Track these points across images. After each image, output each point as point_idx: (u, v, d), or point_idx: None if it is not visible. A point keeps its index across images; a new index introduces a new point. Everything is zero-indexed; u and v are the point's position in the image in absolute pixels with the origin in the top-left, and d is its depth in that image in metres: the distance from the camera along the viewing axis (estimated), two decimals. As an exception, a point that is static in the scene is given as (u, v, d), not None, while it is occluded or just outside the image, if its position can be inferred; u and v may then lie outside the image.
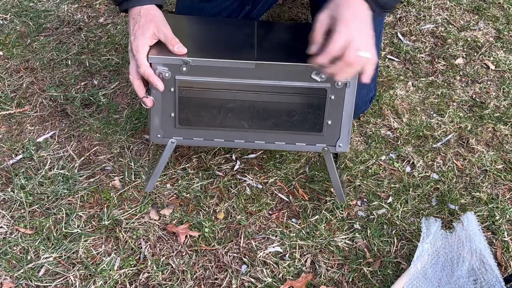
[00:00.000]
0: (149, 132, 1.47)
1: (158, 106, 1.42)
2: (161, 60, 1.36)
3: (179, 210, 1.57)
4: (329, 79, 1.37)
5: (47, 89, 1.89)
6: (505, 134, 1.83)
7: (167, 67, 1.37)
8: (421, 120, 1.86)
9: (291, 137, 1.47)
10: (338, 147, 1.47)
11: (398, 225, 1.57)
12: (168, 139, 1.46)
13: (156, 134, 1.46)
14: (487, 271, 1.38)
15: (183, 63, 1.35)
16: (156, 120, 1.44)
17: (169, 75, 1.37)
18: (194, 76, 1.38)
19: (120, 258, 1.46)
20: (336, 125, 1.44)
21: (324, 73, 1.34)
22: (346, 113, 1.42)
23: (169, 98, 1.40)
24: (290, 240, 1.52)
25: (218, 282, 1.43)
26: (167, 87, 1.39)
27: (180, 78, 1.38)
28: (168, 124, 1.44)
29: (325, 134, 1.45)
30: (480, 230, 1.46)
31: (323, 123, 1.44)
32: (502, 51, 2.12)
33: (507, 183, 1.69)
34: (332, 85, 1.38)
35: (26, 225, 1.52)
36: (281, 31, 1.57)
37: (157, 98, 1.41)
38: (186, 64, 1.35)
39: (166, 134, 1.46)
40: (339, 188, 1.54)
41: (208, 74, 1.38)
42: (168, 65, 1.36)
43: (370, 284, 1.44)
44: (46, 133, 1.76)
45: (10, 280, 1.41)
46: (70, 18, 2.18)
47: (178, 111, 1.42)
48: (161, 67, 1.37)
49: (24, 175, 1.63)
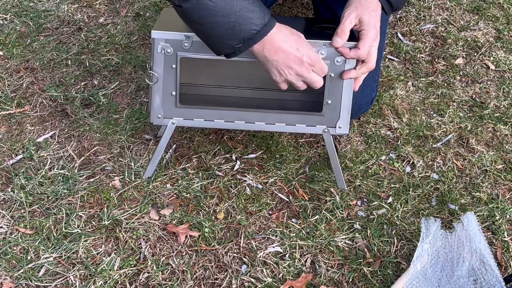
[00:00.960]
0: (149, 113, 1.47)
1: (159, 84, 1.42)
2: (163, 35, 1.38)
3: (179, 210, 1.57)
4: (329, 56, 1.38)
5: (47, 89, 1.89)
6: (505, 134, 1.83)
7: (169, 43, 1.38)
8: (421, 120, 1.86)
9: (291, 118, 1.47)
10: (338, 129, 1.48)
11: (398, 225, 1.57)
12: (168, 120, 1.47)
13: (156, 115, 1.46)
14: (487, 271, 1.38)
15: (185, 38, 1.37)
16: (157, 99, 1.44)
17: (171, 51, 1.38)
18: (196, 52, 1.39)
19: (120, 258, 1.46)
20: (336, 105, 1.44)
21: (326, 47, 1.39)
22: (345, 92, 1.43)
23: (171, 75, 1.41)
24: (290, 240, 1.52)
25: (218, 282, 1.43)
26: (169, 63, 1.40)
27: (182, 54, 1.39)
28: (168, 103, 1.45)
29: (325, 114, 1.46)
30: (480, 230, 1.46)
31: (323, 102, 1.44)
32: (502, 51, 2.12)
33: (507, 183, 1.69)
34: (331, 62, 1.39)
35: (26, 225, 1.52)
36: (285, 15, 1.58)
37: (158, 75, 1.42)
38: (188, 38, 1.36)
39: (167, 114, 1.46)
40: (339, 173, 1.54)
41: (210, 51, 1.37)
42: (171, 40, 1.38)
43: (370, 284, 1.44)
44: (46, 133, 1.76)
45: (10, 280, 1.41)
46: (70, 18, 2.18)
47: (179, 89, 1.43)
48: (163, 43, 1.38)
49: (24, 175, 1.63)
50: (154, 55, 1.40)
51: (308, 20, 1.65)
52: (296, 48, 1.34)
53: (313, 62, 1.35)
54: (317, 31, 1.47)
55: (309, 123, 1.48)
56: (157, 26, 1.41)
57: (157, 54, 1.40)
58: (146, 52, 2.05)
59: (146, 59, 2.00)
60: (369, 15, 1.37)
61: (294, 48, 1.34)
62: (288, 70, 1.35)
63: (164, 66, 1.40)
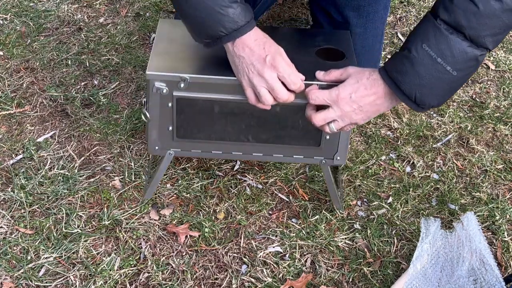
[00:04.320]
0: (147, 144, 1.46)
1: (155, 120, 1.40)
2: (159, 77, 1.34)
3: (179, 210, 1.57)
4: None
5: (47, 89, 1.89)
6: (505, 134, 1.83)
7: (165, 83, 1.34)
8: (421, 120, 1.86)
9: (289, 150, 1.46)
10: (335, 160, 1.46)
11: (398, 225, 1.57)
12: (166, 151, 1.46)
13: (154, 146, 1.45)
14: (487, 271, 1.38)
15: (181, 79, 1.34)
16: (154, 134, 1.43)
17: (166, 91, 1.35)
18: (192, 92, 1.36)
19: (120, 258, 1.46)
20: (334, 139, 1.43)
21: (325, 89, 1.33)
22: None
23: (167, 112, 1.39)
24: (290, 240, 1.52)
25: (218, 282, 1.43)
26: (165, 102, 1.37)
27: (178, 94, 1.36)
28: (166, 137, 1.43)
29: (323, 148, 1.45)
30: (480, 230, 1.46)
31: (321, 138, 1.43)
32: (502, 51, 2.12)
33: (507, 183, 1.69)
34: None
35: (26, 225, 1.52)
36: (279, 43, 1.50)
37: (154, 112, 1.39)
38: (184, 81, 1.33)
39: (164, 146, 1.45)
40: (336, 198, 1.54)
41: (206, 90, 1.35)
42: (166, 80, 1.34)
43: (370, 284, 1.44)
44: (46, 133, 1.76)
45: (10, 280, 1.41)
46: (70, 18, 2.18)
47: (176, 125, 1.41)
48: (159, 83, 1.34)
49: (24, 175, 1.63)
50: (149, 95, 1.37)
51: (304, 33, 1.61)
52: (263, 47, 1.27)
53: (276, 64, 1.26)
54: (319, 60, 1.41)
55: (307, 155, 1.47)
56: (152, 61, 1.37)
57: (152, 94, 1.36)
58: (146, 52, 2.05)
59: (146, 59, 2.00)
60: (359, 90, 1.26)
61: (261, 47, 1.27)
62: (251, 67, 1.28)
63: (160, 105, 1.37)
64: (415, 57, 1.20)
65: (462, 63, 1.19)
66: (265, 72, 1.26)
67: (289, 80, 1.28)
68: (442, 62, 1.19)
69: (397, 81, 1.22)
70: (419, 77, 1.21)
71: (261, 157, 1.49)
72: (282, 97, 1.28)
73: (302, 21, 2.20)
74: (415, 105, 1.25)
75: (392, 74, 1.23)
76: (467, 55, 1.18)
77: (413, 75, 1.21)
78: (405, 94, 1.23)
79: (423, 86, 1.21)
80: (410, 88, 1.22)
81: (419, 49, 1.19)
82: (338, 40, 1.49)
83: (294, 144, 1.45)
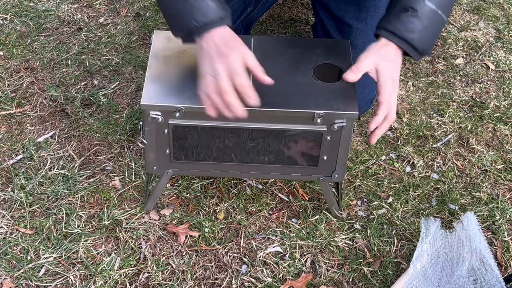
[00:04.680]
0: (145, 163, 1.46)
1: (152, 144, 1.39)
2: (154, 107, 1.33)
3: (179, 210, 1.57)
4: (325, 122, 1.33)
5: (47, 89, 1.89)
6: (505, 134, 1.83)
7: (160, 112, 1.33)
8: (421, 120, 1.86)
9: (287, 170, 1.45)
10: (334, 177, 1.45)
11: (398, 225, 1.57)
12: (164, 170, 1.46)
13: (152, 167, 1.44)
14: (487, 271, 1.38)
15: (175, 109, 1.32)
16: (151, 156, 1.42)
17: (162, 120, 1.34)
18: (188, 120, 1.35)
19: (120, 258, 1.46)
20: (332, 159, 1.42)
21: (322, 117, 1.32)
22: (342, 149, 1.39)
23: (163, 138, 1.38)
24: (290, 240, 1.52)
25: (218, 282, 1.43)
26: (161, 129, 1.36)
27: (174, 123, 1.35)
28: (163, 158, 1.43)
29: (321, 167, 1.44)
30: (480, 230, 1.46)
31: (319, 159, 1.42)
32: (502, 51, 2.12)
33: (507, 183, 1.69)
34: (328, 128, 1.35)
35: (26, 225, 1.52)
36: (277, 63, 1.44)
37: (151, 137, 1.38)
38: (179, 110, 1.32)
39: (162, 167, 1.45)
40: (335, 212, 1.55)
41: (202, 118, 1.34)
42: (161, 110, 1.33)
43: (370, 284, 1.44)
44: (46, 133, 1.76)
45: (10, 280, 1.41)
46: (70, 18, 2.18)
47: (173, 149, 1.40)
48: (154, 112, 1.33)
49: (24, 175, 1.63)
50: (145, 123, 1.36)
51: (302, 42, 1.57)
52: (225, 41, 1.26)
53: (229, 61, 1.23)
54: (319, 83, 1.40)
55: (305, 173, 1.46)
56: (146, 89, 1.35)
57: (147, 122, 1.35)
58: (146, 52, 2.04)
59: (146, 59, 2.00)
60: (385, 65, 1.32)
61: (223, 41, 1.26)
62: (207, 59, 1.25)
63: (156, 131, 1.37)
64: (422, 14, 1.32)
65: (450, 8, 1.38)
66: (216, 64, 1.24)
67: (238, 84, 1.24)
68: (441, 13, 1.34)
69: (410, 40, 1.33)
70: (427, 31, 1.33)
71: (259, 175, 1.50)
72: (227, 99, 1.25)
73: (302, 21, 2.20)
74: (419, 55, 1.36)
75: (404, 35, 1.33)
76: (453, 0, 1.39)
77: (423, 30, 1.33)
78: (415, 48, 1.34)
79: (429, 37, 1.35)
80: (420, 43, 1.34)
81: (424, 6, 1.32)
82: (337, 52, 1.47)
83: (292, 165, 1.44)
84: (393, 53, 1.34)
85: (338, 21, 1.69)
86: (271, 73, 1.37)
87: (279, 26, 2.18)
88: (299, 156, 1.42)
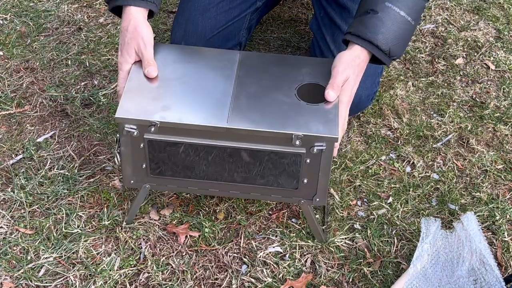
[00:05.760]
0: (122, 178, 1.43)
1: (128, 158, 1.38)
2: (128, 121, 1.31)
3: (179, 210, 1.57)
4: (305, 144, 1.30)
5: (47, 89, 1.89)
6: (505, 134, 1.83)
7: (135, 126, 1.31)
8: (421, 120, 1.86)
9: (266, 191, 1.42)
10: (315, 201, 1.41)
11: (398, 225, 1.57)
12: (141, 184, 1.43)
13: (129, 181, 1.42)
14: (487, 271, 1.38)
15: (150, 124, 1.30)
16: (128, 170, 1.40)
17: (137, 134, 1.32)
18: (163, 135, 1.32)
19: (120, 258, 1.46)
20: (312, 183, 1.38)
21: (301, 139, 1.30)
22: (323, 173, 1.36)
23: (139, 152, 1.36)
24: (290, 240, 1.52)
25: (218, 282, 1.43)
26: (137, 143, 1.34)
27: (149, 137, 1.33)
28: (140, 173, 1.41)
29: (301, 190, 1.40)
30: (480, 230, 1.46)
31: (299, 182, 1.38)
32: (502, 51, 2.12)
33: (507, 183, 1.69)
34: (307, 151, 1.31)
35: (26, 225, 1.52)
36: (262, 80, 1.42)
37: (127, 151, 1.36)
38: (154, 125, 1.30)
39: (139, 181, 1.43)
40: (318, 234, 1.50)
41: (178, 134, 1.32)
42: (136, 124, 1.31)
43: (370, 284, 1.44)
44: (46, 133, 1.76)
45: (10, 280, 1.41)
46: (70, 18, 2.18)
47: (150, 164, 1.38)
48: (129, 126, 1.31)
49: (24, 175, 1.63)
50: (120, 135, 1.34)
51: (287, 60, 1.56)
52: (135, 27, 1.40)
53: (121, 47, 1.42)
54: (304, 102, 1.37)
55: (285, 196, 1.43)
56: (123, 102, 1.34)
57: (123, 136, 1.34)
58: (146, 52, 2.04)
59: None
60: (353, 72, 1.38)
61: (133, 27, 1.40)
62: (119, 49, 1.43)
63: (132, 145, 1.35)
64: (383, 15, 1.36)
65: (415, 9, 1.39)
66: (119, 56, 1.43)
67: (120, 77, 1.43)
68: (405, 14, 1.37)
69: (374, 40, 1.36)
70: (391, 32, 1.36)
71: (239, 194, 1.46)
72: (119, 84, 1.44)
73: (302, 21, 2.20)
74: (388, 58, 1.39)
75: (367, 36, 1.36)
76: (419, 5, 1.40)
77: (387, 32, 1.36)
78: (381, 50, 1.37)
79: (395, 39, 1.37)
80: (384, 43, 1.36)
81: (384, 7, 1.36)
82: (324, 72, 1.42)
83: (271, 186, 1.41)
84: (363, 63, 1.39)
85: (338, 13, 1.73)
86: (254, 91, 1.37)
87: (279, 26, 2.18)
88: (279, 178, 1.38)
